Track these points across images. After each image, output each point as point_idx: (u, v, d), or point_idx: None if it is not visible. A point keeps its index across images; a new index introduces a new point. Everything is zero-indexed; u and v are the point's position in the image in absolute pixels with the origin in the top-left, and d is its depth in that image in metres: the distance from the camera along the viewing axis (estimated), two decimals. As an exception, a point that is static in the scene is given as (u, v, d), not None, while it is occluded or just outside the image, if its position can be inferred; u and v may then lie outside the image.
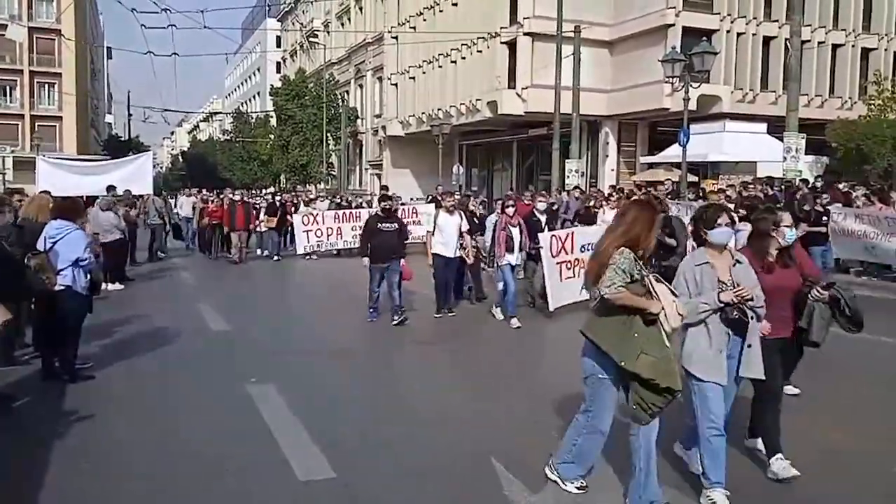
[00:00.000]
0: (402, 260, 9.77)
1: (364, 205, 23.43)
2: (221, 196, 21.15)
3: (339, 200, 24.13)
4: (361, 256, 10.01)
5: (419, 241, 14.73)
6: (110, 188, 14.67)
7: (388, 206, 10.05)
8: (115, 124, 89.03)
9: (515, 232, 9.61)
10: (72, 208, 7.17)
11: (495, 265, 9.65)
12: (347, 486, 4.50)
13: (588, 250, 8.75)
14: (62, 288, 6.58)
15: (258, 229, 18.96)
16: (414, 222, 17.10)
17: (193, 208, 21.02)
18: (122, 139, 65.66)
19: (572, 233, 10.27)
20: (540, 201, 11.20)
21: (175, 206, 23.50)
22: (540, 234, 9.82)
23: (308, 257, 18.17)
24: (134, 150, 45.52)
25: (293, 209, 20.18)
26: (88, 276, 6.92)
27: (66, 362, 6.79)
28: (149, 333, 9.03)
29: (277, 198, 21.47)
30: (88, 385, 6.66)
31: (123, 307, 10.81)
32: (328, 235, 18.37)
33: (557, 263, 9.71)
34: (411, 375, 7.43)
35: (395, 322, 9.50)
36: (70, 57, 54.02)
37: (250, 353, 8.16)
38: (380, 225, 9.73)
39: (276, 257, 18.40)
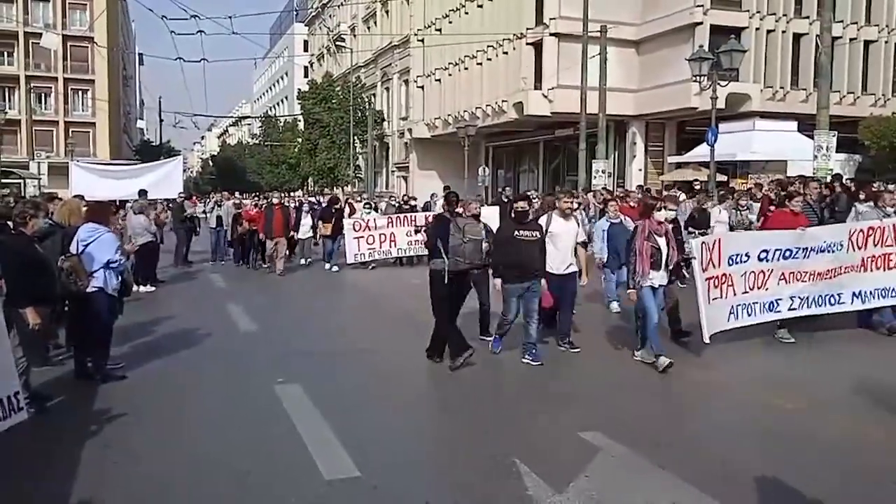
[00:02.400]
0: (542, 281, 7.58)
1: (419, 208, 20.63)
2: (257, 200, 19.85)
3: (396, 203, 20.82)
4: (494, 277, 7.63)
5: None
6: (142, 192, 14.91)
7: (523, 209, 7.61)
8: (147, 129, 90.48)
9: (662, 242, 7.29)
10: (103, 212, 7.37)
11: (637, 285, 7.23)
12: (372, 485, 4.53)
13: (738, 263, 7.80)
14: (94, 290, 6.71)
15: (298, 236, 17.02)
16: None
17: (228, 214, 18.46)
18: (154, 144, 66.76)
19: (719, 241, 8.01)
20: (669, 208, 7.74)
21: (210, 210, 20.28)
22: (692, 241, 7.86)
23: (370, 266, 16.48)
24: (165, 154, 46.36)
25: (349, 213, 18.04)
26: (120, 278, 7.06)
27: (99, 363, 6.92)
28: (178, 334, 9.17)
29: (336, 206, 18.01)
30: (120, 385, 6.78)
31: (154, 309, 10.99)
32: (381, 243, 16.49)
33: (706, 279, 7.65)
34: (437, 376, 7.45)
35: (525, 360, 7.47)
36: (102, 64, 54.99)
37: (278, 353, 8.24)
38: (516, 233, 7.41)
39: (334, 267, 16.42)
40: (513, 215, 7.76)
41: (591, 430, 5.40)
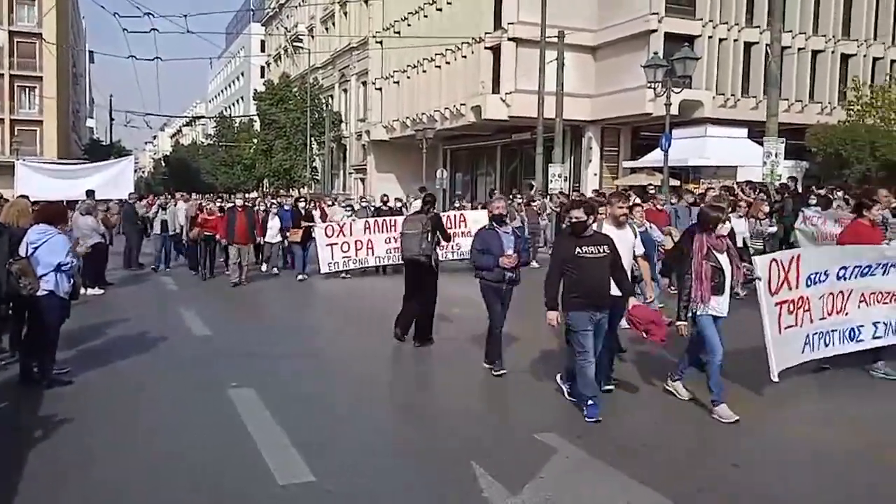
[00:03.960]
0: (632, 299, 6.19)
1: (403, 209, 18.83)
2: (222, 203, 18.64)
3: (377, 205, 18.74)
4: (549, 308, 5.99)
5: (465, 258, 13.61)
6: (90, 193, 14.55)
7: (581, 220, 5.95)
8: (97, 129, 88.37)
9: (724, 261, 5.90)
10: (55, 213, 7.10)
11: (688, 313, 5.90)
12: (327, 490, 4.49)
13: (817, 283, 6.54)
14: (44, 293, 6.52)
15: (263, 241, 15.73)
16: (462, 233, 15.04)
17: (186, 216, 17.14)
18: (104, 143, 65.16)
19: (797, 257, 6.59)
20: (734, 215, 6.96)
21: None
22: (756, 259, 6.38)
23: (342, 276, 15.03)
24: (115, 154, 45.23)
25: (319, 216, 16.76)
26: (71, 281, 6.87)
27: (45, 367, 6.72)
28: (128, 338, 8.96)
29: (302, 204, 16.83)
30: (66, 390, 6.59)
31: (102, 312, 10.72)
32: (357, 250, 15.04)
33: (777, 304, 6.25)
34: (394, 380, 7.42)
35: (590, 419, 5.71)
36: (51, 61, 53.54)
37: (231, 357, 8.11)
38: (579, 250, 5.85)
39: (301, 276, 14.95)
40: (570, 229, 6.26)
41: (546, 431, 5.43)
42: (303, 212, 16.02)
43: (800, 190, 16.67)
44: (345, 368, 7.81)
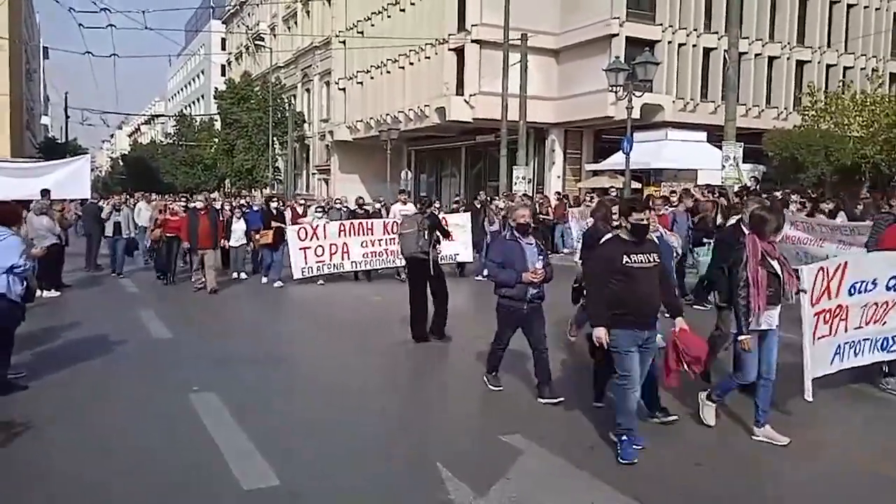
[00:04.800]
0: (680, 320, 5.38)
1: (381, 211, 17.92)
2: (186, 202, 17.52)
3: (351, 207, 17.64)
4: (594, 324, 5.26)
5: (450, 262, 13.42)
6: (44, 192, 14.17)
7: (640, 223, 5.13)
8: (52, 127, 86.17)
9: (777, 267, 5.37)
10: (8, 213, 6.84)
11: (741, 326, 5.29)
12: (291, 494, 4.45)
13: (862, 292, 6.15)
14: (-6, 296, 6.33)
15: (226, 245, 14.79)
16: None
17: (151, 218, 16.43)
18: (59, 142, 63.61)
19: (844, 265, 6.16)
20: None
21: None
22: (803, 269, 5.80)
23: (318, 282, 14.22)
24: (71, 153, 44.20)
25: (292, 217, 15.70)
26: (24, 284, 6.68)
27: (-2, 372, 6.54)
28: (86, 341, 8.77)
29: (274, 204, 15.85)
30: (21, 395, 6.43)
31: (59, 314, 10.49)
32: (331, 254, 14.31)
33: (815, 314, 5.88)
34: (358, 383, 7.38)
35: (625, 461, 4.96)
36: (3, 57, 52.05)
37: (193, 361, 7.99)
38: (627, 259, 5.10)
39: (276, 282, 14.06)
40: (624, 234, 5.24)
41: (511, 433, 5.46)
42: (274, 212, 15.17)
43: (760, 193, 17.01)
44: (310, 372, 7.75)
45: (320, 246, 14.27)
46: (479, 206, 18.03)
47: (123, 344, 8.70)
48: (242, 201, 18.62)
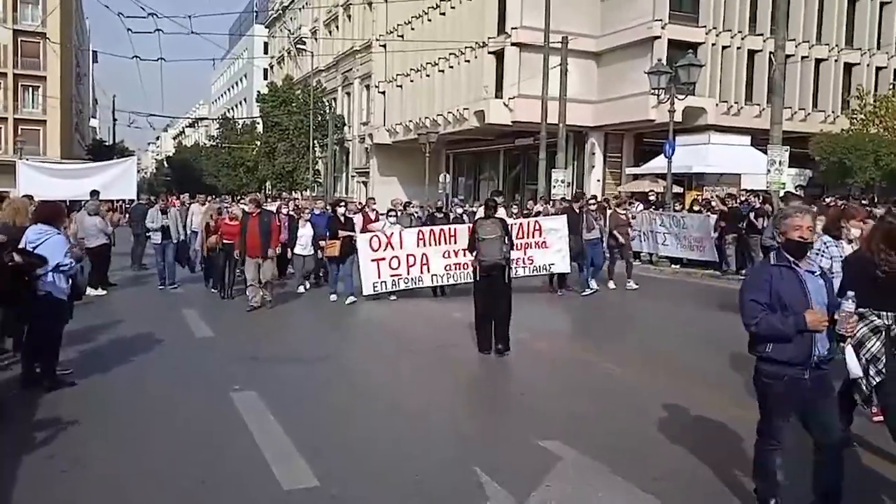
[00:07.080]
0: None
1: (464, 217, 15.98)
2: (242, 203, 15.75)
3: (429, 210, 15.61)
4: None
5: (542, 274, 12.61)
6: (94, 193, 14.51)
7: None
8: (100, 129, 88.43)
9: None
10: (53, 213, 7.04)
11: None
12: (330, 495, 4.46)
13: None
14: (43, 293, 6.49)
15: (292, 254, 13.58)
16: (537, 244, 13.01)
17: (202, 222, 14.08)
18: (107, 144, 65.25)
19: None
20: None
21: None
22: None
23: (393, 298, 12.53)
24: (118, 154, 45.36)
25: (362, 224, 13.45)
26: (70, 282, 6.83)
27: (47, 369, 6.69)
28: (131, 339, 8.93)
29: (341, 210, 12.93)
30: (69, 392, 6.57)
31: (105, 313, 10.70)
32: (409, 266, 12.49)
33: None
34: (401, 387, 7.39)
35: None
36: (55, 60, 53.63)
37: (234, 360, 8.07)
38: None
39: (349, 298, 12.16)
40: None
41: (550, 438, 5.41)
42: (342, 219, 12.61)
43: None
44: (351, 374, 7.77)
45: (395, 257, 12.47)
46: (577, 209, 13.66)
47: (167, 342, 8.85)
48: (317, 204, 15.60)
